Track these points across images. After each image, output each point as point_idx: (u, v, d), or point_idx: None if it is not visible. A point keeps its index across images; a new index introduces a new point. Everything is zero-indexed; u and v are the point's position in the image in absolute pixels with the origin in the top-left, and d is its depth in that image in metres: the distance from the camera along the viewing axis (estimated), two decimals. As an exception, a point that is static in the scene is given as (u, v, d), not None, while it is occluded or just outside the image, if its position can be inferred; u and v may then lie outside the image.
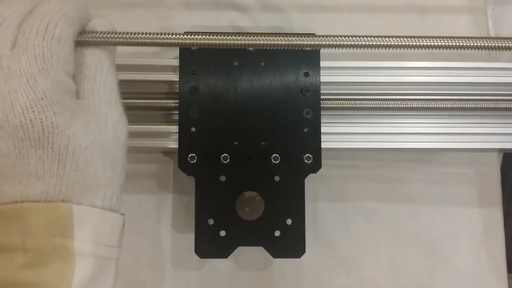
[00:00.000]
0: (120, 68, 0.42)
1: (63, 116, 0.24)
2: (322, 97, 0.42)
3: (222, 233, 0.41)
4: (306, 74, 0.42)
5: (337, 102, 0.43)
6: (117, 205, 0.27)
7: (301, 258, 0.41)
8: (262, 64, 0.42)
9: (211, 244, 0.41)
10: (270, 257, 0.41)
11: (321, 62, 0.42)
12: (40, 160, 0.23)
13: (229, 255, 0.41)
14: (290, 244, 0.41)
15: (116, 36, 0.28)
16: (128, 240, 0.45)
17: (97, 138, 0.25)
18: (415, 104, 0.44)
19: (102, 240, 0.25)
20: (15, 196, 0.23)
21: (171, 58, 0.46)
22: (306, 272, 0.47)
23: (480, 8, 0.49)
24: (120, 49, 0.46)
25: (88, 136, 0.25)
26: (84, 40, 0.27)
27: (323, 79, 0.42)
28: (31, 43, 0.24)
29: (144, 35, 0.29)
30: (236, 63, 0.42)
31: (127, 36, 0.29)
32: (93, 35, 0.28)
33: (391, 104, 0.44)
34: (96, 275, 0.24)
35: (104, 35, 0.28)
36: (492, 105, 0.44)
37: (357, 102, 0.43)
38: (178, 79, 0.42)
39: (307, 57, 0.42)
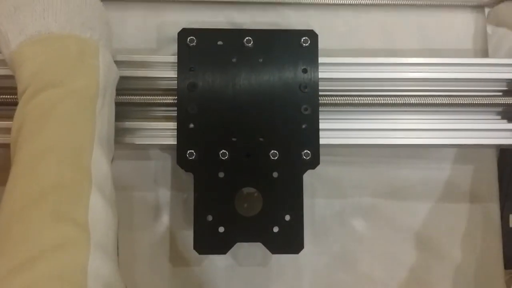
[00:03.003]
0: (118, 64, 0.42)
1: None
2: (320, 93, 0.42)
3: (221, 229, 0.41)
4: (304, 71, 0.42)
5: (335, 98, 0.43)
6: None
7: (299, 254, 0.41)
8: (260, 60, 0.42)
9: (210, 240, 0.41)
10: (268, 253, 0.41)
11: (319, 58, 0.42)
12: (82, 3, 0.34)
13: (228, 251, 0.41)
14: (289, 240, 0.41)
15: None
16: (126, 237, 0.46)
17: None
18: (412, 100, 0.44)
19: (109, 77, 0.36)
20: (62, 30, 0.33)
21: (169, 54, 0.46)
22: (304, 268, 0.47)
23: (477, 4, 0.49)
24: (117, 45, 0.46)
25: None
26: None
27: (321, 75, 0.42)
28: None
29: None
30: (234, 60, 0.42)
31: None
32: None
33: (389, 100, 0.44)
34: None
35: None
36: (488, 101, 0.44)
37: (355, 98, 0.44)
38: (176, 76, 0.42)
39: (305, 54, 0.42)
